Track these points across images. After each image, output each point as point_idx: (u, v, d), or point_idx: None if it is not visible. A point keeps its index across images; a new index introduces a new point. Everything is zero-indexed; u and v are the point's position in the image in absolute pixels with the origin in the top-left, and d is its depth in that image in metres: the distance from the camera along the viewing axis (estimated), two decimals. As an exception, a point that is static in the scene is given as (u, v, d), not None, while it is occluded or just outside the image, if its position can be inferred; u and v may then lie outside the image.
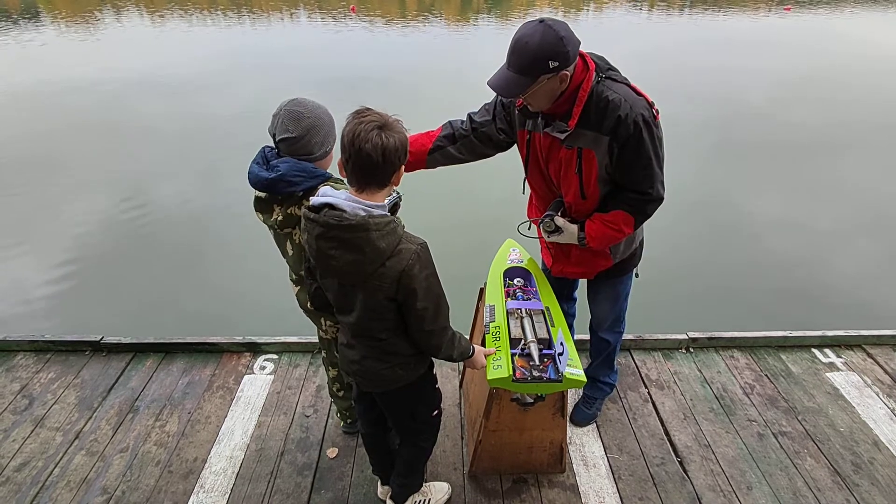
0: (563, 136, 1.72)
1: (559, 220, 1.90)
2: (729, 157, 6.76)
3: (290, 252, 1.84)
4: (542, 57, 1.53)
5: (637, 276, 2.20)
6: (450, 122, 2.02)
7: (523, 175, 2.03)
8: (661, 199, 1.81)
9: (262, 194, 1.72)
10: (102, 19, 19.45)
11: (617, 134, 1.66)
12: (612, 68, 1.73)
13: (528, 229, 2.12)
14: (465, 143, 1.98)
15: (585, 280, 2.23)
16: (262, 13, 21.33)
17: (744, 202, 5.66)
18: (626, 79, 1.72)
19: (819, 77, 10.56)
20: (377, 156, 1.30)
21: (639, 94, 1.69)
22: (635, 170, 1.74)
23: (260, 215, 1.79)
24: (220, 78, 10.73)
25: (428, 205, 4.92)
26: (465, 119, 2.00)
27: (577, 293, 2.49)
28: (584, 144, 1.72)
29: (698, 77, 10.40)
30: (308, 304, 1.79)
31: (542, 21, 1.54)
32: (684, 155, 6.02)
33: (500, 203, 5.20)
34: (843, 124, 7.95)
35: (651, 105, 1.69)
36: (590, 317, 2.36)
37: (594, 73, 1.66)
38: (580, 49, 1.65)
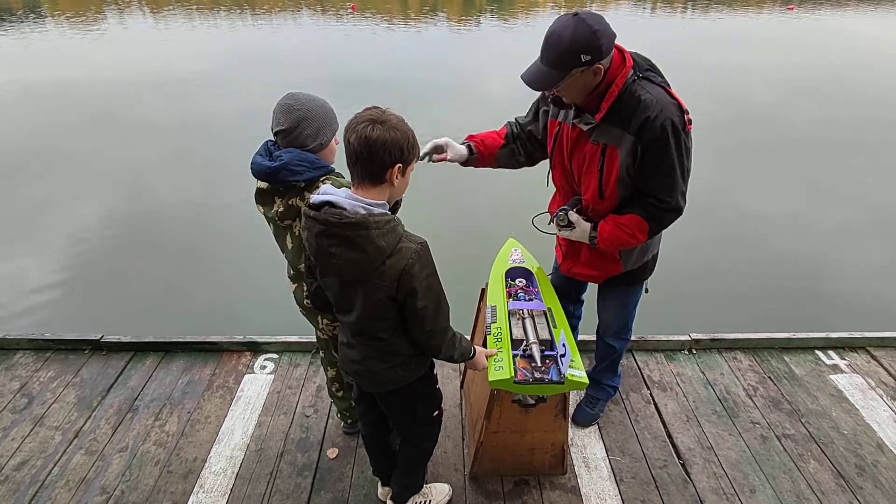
0: (587, 128, 1.71)
1: (573, 216, 1.88)
2: (732, 157, 6.73)
3: (290, 246, 1.83)
4: (574, 51, 1.51)
5: (647, 290, 2.17)
6: (508, 121, 2.06)
7: (547, 168, 2.04)
8: (679, 211, 1.77)
9: (264, 185, 1.73)
10: (105, 17, 19.47)
11: (642, 135, 1.63)
12: (651, 69, 1.69)
13: (549, 224, 2.09)
14: (520, 142, 2.02)
15: (596, 284, 2.21)
16: (263, 11, 21.33)
17: (747, 203, 5.63)
18: (664, 82, 1.68)
19: (822, 76, 10.53)
20: (361, 148, 1.30)
21: (674, 98, 1.65)
22: (656, 175, 1.70)
23: (261, 208, 1.79)
24: (222, 76, 10.73)
25: (429, 204, 4.91)
26: (513, 121, 2.05)
27: (584, 296, 2.47)
28: (609, 141, 1.69)
29: (701, 76, 10.36)
30: (306, 303, 1.78)
31: (575, 14, 1.52)
32: (687, 155, 5.98)
33: (502, 202, 5.19)
34: (846, 124, 7.92)
35: (685, 112, 1.65)
36: (596, 320, 2.34)
37: (630, 71, 1.63)
38: (620, 44, 1.62)
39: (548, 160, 2.00)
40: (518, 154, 2.05)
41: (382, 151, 1.31)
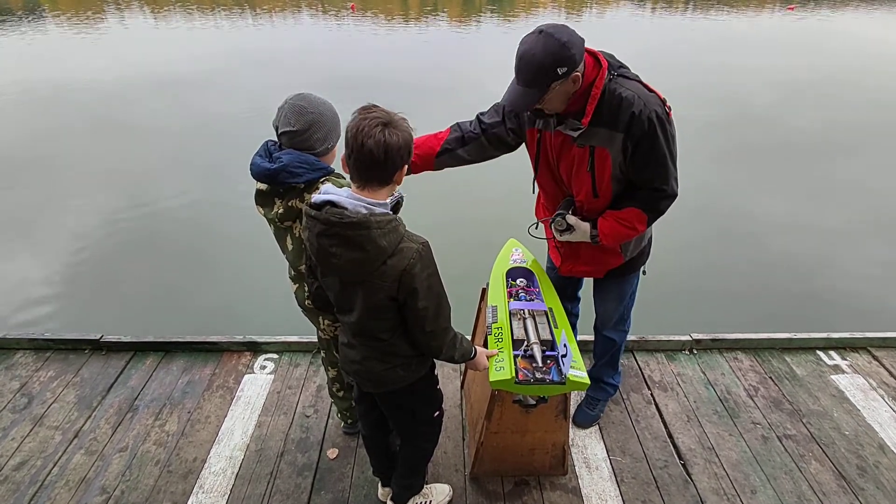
0: (576, 134, 1.71)
1: (571, 219, 1.88)
2: (733, 158, 6.72)
3: (290, 247, 1.82)
4: (548, 67, 1.52)
5: (644, 273, 2.18)
6: (458, 123, 1.99)
7: (532, 175, 2.00)
8: (674, 196, 1.80)
9: (264, 187, 1.72)
10: (105, 17, 19.47)
11: (631, 131, 1.65)
12: (622, 66, 1.72)
13: (536, 229, 2.10)
14: (475, 145, 1.96)
15: (591, 279, 2.21)
16: (263, 11, 21.33)
17: (748, 203, 5.63)
18: (637, 76, 1.71)
19: (822, 76, 10.53)
20: (379, 153, 1.29)
21: (651, 90, 1.68)
22: (650, 167, 1.73)
23: (260, 209, 1.79)
24: (222, 76, 10.72)
25: (429, 204, 4.90)
26: (473, 120, 1.97)
27: (580, 292, 2.47)
28: (598, 142, 1.70)
29: (701, 77, 10.36)
30: (307, 303, 1.78)
31: (541, 32, 1.53)
32: (688, 155, 5.98)
33: (502, 202, 5.19)
34: (847, 125, 7.91)
35: (663, 102, 1.68)
36: (594, 316, 2.33)
37: (606, 71, 1.64)
38: (591, 47, 1.63)
39: (532, 167, 1.98)
40: (470, 155, 1.97)
41: (396, 155, 1.32)
